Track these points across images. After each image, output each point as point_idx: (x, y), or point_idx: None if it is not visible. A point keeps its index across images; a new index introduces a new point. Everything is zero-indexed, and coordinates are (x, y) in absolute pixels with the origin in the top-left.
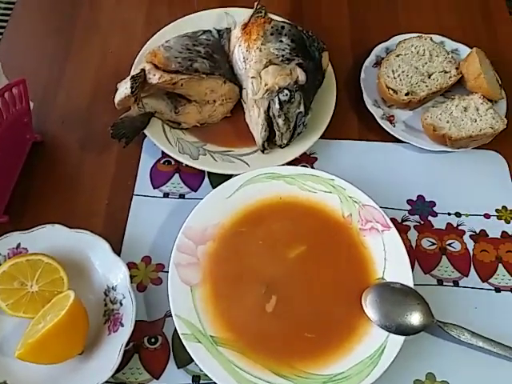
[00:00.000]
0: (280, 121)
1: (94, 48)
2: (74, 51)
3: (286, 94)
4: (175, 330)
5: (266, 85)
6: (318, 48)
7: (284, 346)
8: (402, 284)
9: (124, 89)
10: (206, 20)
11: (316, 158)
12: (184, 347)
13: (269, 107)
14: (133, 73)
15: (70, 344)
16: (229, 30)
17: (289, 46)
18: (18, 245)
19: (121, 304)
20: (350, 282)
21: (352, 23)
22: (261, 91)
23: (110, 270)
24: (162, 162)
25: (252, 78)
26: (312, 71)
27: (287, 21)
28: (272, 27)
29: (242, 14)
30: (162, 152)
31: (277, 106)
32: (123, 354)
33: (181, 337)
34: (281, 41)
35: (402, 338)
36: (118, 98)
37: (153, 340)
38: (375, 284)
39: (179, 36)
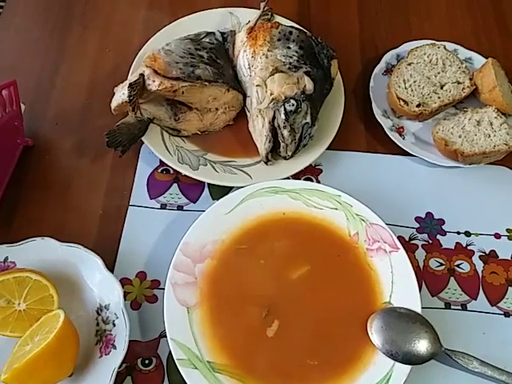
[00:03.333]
0: (285, 132)
1: (91, 47)
2: (68, 50)
3: (293, 104)
4: (170, 351)
5: (271, 94)
6: (327, 55)
7: (285, 374)
8: (409, 309)
9: (121, 94)
10: (209, 20)
11: (321, 170)
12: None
13: (274, 117)
14: (131, 77)
15: (59, 368)
16: (233, 33)
17: (297, 52)
18: (6, 258)
19: (113, 324)
20: (356, 306)
21: (361, 27)
22: (266, 100)
23: (103, 288)
24: (159, 170)
25: (257, 86)
26: (320, 80)
27: (295, 25)
28: (279, 32)
29: (247, 15)
30: (161, 160)
31: (282, 116)
32: (115, 378)
33: (176, 362)
34: (288, 47)
35: (409, 367)
36: (114, 103)
37: (147, 362)
38: (381, 309)
39: (181, 39)
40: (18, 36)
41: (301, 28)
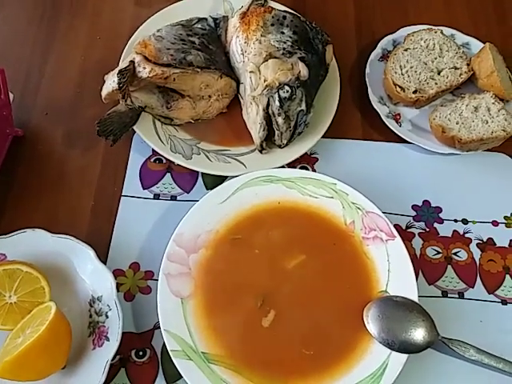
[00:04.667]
0: (280, 119)
1: (81, 34)
2: (58, 38)
3: (287, 91)
4: (165, 343)
5: (265, 80)
6: (321, 41)
7: (280, 364)
8: (405, 298)
9: (112, 82)
10: (202, 6)
11: (317, 159)
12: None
13: (268, 104)
14: (121, 65)
15: (51, 361)
16: (226, 19)
17: (291, 38)
18: None
19: (106, 316)
20: (352, 295)
21: (357, 12)
22: (260, 87)
23: (96, 280)
24: (152, 160)
25: (250, 72)
26: (315, 66)
27: (289, 10)
28: (273, 17)
29: (241, 1)
30: (153, 149)
31: (277, 103)
32: (109, 369)
33: (170, 354)
34: (282, 32)
35: (405, 355)
36: (104, 91)
37: (141, 353)
38: (378, 298)
39: (172, 24)
40: (7, 24)
41: (295, 13)
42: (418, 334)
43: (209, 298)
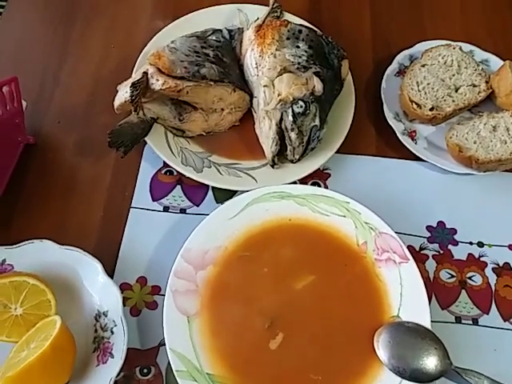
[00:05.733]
0: (293, 134)
1: (95, 43)
2: (72, 46)
3: (301, 106)
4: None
5: (279, 95)
6: (337, 55)
7: None
8: (418, 324)
9: (124, 92)
10: (217, 16)
11: (329, 175)
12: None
13: (281, 119)
14: (134, 75)
15: (54, 377)
16: (241, 31)
17: (306, 52)
18: (3, 261)
19: (112, 332)
20: (362, 319)
21: (374, 25)
22: (273, 101)
23: (102, 294)
24: (163, 171)
25: (264, 86)
26: (330, 81)
27: (305, 23)
28: (288, 31)
29: (256, 12)
30: (164, 161)
31: (290, 118)
32: None
33: (175, 374)
34: (297, 46)
35: None
36: (117, 102)
37: (145, 371)
38: (389, 323)
39: (187, 36)
40: (22, 32)
41: (311, 26)
42: (430, 363)
43: (215, 317)
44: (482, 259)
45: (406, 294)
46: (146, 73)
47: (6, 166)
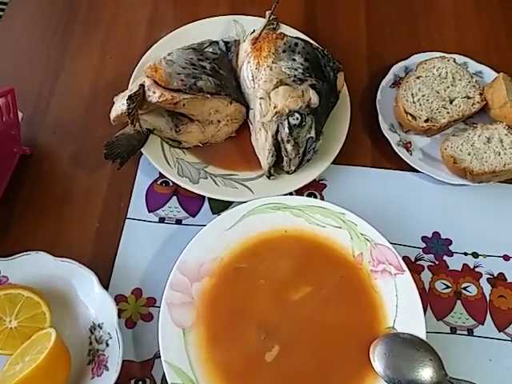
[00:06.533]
0: (289, 146)
1: (92, 53)
2: (69, 56)
3: (297, 118)
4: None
5: (275, 107)
6: (333, 68)
7: None
8: (413, 336)
9: (121, 104)
10: (213, 28)
11: (325, 185)
12: None
13: (277, 131)
14: (131, 87)
15: None
16: (237, 43)
17: (302, 65)
18: None
19: (107, 344)
20: (358, 331)
21: (369, 37)
22: (269, 114)
23: (97, 306)
24: (159, 182)
25: (260, 98)
26: (326, 93)
27: (301, 36)
28: (285, 44)
29: (252, 23)
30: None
31: (286, 130)
32: None
33: None
34: (293, 59)
35: None
36: (113, 113)
37: (140, 383)
38: (385, 335)
39: (183, 48)
40: (18, 42)
41: (307, 39)
42: (426, 374)
43: (211, 329)
44: (476, 270)
45: (401, 306)
46: (142, 85)
47: (1, 177)
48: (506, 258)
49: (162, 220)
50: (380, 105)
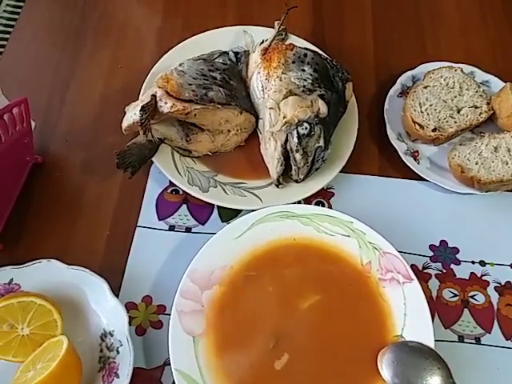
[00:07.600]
0: (298, 155)
1: (103, 63)
2: (80, 66)
3: (306, 128)
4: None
5: (284, 117)
6: (342, 78)
7: None
8: (421, 344)
9: (133, 114)
10: (223, 38)
11: (333, 194)
12: None
13: (286, 140)
14: (142, 97)
15: None
16: (247, 53)
17: (311, 75)
18: (11, 280)
19: (117, 352)
20: (367, 339)
21: (376, 47)
22: (279, 123)
23: (108, 314)
24: (169, 190)
25: (270, 108)
26: (334, 103)
27: (310, 46)
28: (294, 54)
29: (262, 34)
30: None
31: (295, 139)
32: None
33: None
34: (303, 70)
35: None
36: (125, 123)
37: None
38: (393, 343)
39: (194, 59)
40: (30, 51)
41: (316, 50)
42: (434, 382)
43: (221, 337)
44: (484, 278)
45: (409, 314)
46: (154, 96)
47: (14, 186)
48: None
49: (171, 228)
50: (388, 114)
